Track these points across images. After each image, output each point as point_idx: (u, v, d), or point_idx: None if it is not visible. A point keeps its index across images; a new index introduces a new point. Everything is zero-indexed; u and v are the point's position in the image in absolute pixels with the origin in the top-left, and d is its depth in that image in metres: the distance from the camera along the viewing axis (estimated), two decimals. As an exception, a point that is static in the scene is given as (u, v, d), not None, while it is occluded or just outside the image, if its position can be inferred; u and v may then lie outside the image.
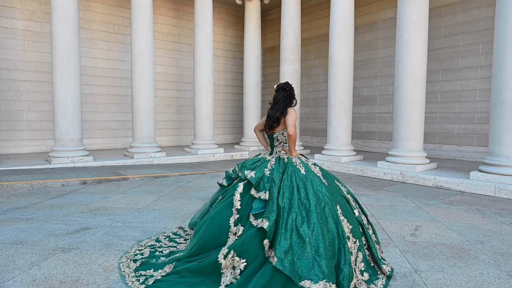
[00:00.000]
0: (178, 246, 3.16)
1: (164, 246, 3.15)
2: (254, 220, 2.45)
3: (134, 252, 3.03)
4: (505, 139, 5.67)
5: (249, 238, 2.38)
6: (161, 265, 2.71)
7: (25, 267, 2.81)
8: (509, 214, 4.54)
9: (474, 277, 2.73)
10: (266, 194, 2.55)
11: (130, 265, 2.77)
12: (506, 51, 5.61)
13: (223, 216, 2.62)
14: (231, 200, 2.67)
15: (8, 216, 4.21)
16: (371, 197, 5.46)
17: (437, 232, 3.79)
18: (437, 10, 9.15)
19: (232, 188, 2.80)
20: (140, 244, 3.23)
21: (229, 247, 2.40)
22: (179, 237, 3.40)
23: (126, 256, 2.95)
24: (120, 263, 2.83)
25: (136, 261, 2.82)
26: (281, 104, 2.85)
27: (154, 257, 2.90)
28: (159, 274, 2.56)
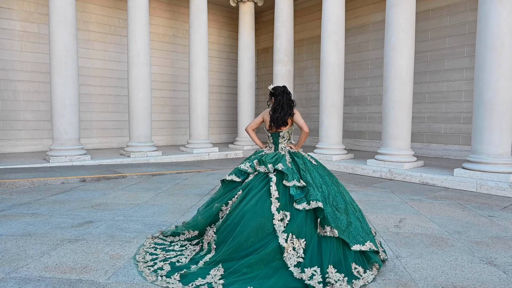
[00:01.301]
0: (184, 251, 3.02)
1: (173, 256, 2.94)
2: (298, 205, 2.77)
3: (154, 269, 2.71)
4: (486, 137, 5.99)
5: (302, 220, 2.72)
6: (204, 270, 2.61)
7: (36, 255, 3.02)
8: (488, 208, 4.84)
9: (449, 262, 3.00)
10: (301, 182, 2.89)
11: (172, 282, 2.51)
12: (486, 55, 5.93)
13: (263, 206, 2.79)
14: (265, 191, 2.89)
15: (13, 211, 4.40)
16: (360, 193, 5.74)
17: (419, 224, 4.07)
18: (425, 13, 9.48)
19: (258, 181, 2.99)
20: (147, 263, 2.85)
21: (286, 231, 2.66)
22: (172, 244, 3.18)
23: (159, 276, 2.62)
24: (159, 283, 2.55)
25: (170, 276, 2.58)
26: (287, 107, 3.23)
27: (182, 267, 2.73)
28: (215, 280, 2.50)
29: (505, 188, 5.58)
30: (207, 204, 3.33)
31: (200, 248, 3.02)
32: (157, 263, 2.79)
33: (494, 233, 3.76)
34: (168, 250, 3.06)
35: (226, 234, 2.81)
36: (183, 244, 3.16)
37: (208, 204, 3.32)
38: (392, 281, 2.63)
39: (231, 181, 3.19)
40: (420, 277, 2.69)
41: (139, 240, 3.42)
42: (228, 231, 2.81)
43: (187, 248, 3.08)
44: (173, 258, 2.89)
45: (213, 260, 2.71)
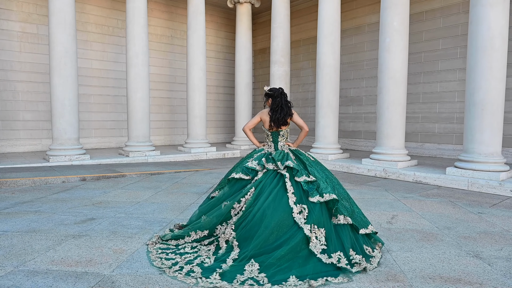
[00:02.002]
0: (199, 252, 3.03)
1: (193, 258, 2.92)
2: (312, 198, 3.02)
3: (186, 272, 2.69)
4: (477, 137, 6.16)
5: (319, 212, 2.96)
6: (238, 267, 2.69)
7: (42, 250, 3.14)
8: (478, 205, 5.00)
9: (437, 255, 3.15)
10: (311, 177, 3.14)
11: (215, 282, 2.54)
12: (478, 56, 6.09)
13: (281, 202, 2.98)
14: (281, 186, 3.08)
15: (17, 209, 4.51)
16: (354, 191, 5.88)
17: (411, 220, 4.22)
18: (419, 15, 9.66)
19: (269, 178, 3.16)
20: (172, 267, 2.78)
21: (308, 223, 2.89)
22: (180, 247, 3.14)
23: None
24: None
25: (209, 276, 2.61)
26: (287, 108, 3.47)
27: (212, 267, 2.77)
28: (255, 274, 2.61)
29: (495, 186, 5.75)
30: (213, 204, 3.32)
31: (216, 247, 3.04)
32: (184, 267, 2.75)
33: (482, 229, 3.92)
34: (182, 254, 3.00)
35: (248, 230, 2.92)
36: (194, 246, 3.12)
37: (213, 204, 3.32)
38: (383, 272, 2.77)
39: (240, 179, 3.27)
40: (409, 269, 2.84)
41: (140, 236, 3.55)
42: (251, 227, 2.92)
43: (200, 249, 3.07)
44: (196, 260, 2.86)
45: (243, 256, 2.78)
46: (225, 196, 3.27)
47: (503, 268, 2.87)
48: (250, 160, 3.38)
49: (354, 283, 2.58)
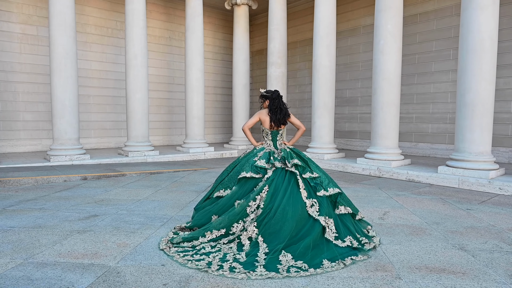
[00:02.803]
0: (223, 250, 3.11)
1: (223, 256, 3.01)
2: (318, 192, 3.37)
3: (229, 269, 2.77)
4: (468, 136, 6.34)
5: (326, 204, 3.33)
6: (273, 259, 2.89)
7: (49, 244, 3.29)
8: (467, 202, 5.19)
9: (425, 248, 3.32)
10: (314, 174, 3.48)
11: (264, 274, 2.69)
12: (468, 58, 6.28)
13: (296, 197, 3.28)
14: (293, 183, 3.36)
15: (21, 207, 4.66)
16: (349, 189, 6.06)
17: (402, 216, 4.40)
18: (413, 18, 9.86)
19: (279, 176, 3.40)
20: (211, 266, 2.82)
21: (321, 214, 3.24)
22: (200, 248, 3.16)
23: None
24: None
25: (254, 269, 2.75)
26: (284, 109, 3.79)
27: (249, 262, 2.90)
28: (293, 263, 2.85)
29: (485, 184, 5.94)
30: (224, 204, 3.41)
31: (238, 244, 3.14)
32: (222, 265, 2.81)
33: (469, 224, 4.10)
34: (207, 253, 3.03)
35: (272, 225, 3.12)
36: (213, 245, 3.16)
37: (224, 203, 3.41)
38: (372, 263, 2.94)
39: (251, 177, 3.43)
40: (397, 260, 3.01)
41: (142, 231, 3.70)
42: (273, 223, 3.13)
43: (221, 248, 3.12)
44: (227, 257, 2.94)
45: (275, 249, 2.98)
46: (237, 195, 3.40)
47: (486, 259, 3.05)
48: (256, 159, 3.55)
49: (345, 273, 2.75)
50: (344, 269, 2.82)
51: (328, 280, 2.63)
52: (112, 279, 2.59)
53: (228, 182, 3.58)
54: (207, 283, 2.55)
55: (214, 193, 3.65)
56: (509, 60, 8.27)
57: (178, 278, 2.63)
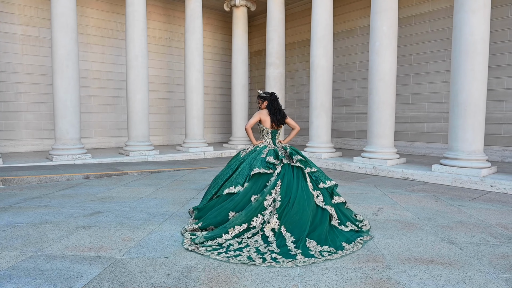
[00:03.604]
0: (252, 244, 3.23)
1: (256, 249, 3.17)
2: (320, 185, 3.77)
3: (273, 259, 2.96)
4: (460, 135, 6.52)
5: (327, 195, 3.74)
6: (303, 247, 3.14)
7: (56, 238, 3.45)
8: (459, 199, 5.36)
9: (415, 241, 3.49)
10: (313, 168, 3.84)
11: (304, 261, 2.92)
12: (461, 60, 6.46)
13: (307, 190, 3.61)
14: (302, 178, 3.69)
15: (27, 204, 4.81)
16: (345, 187, 6.23)
17: (395, 212, 4.56)
18: (408, 19, 10.03)
19: (288, 171, 3.68)
20: (259, 256, 3.01)
21: (326, 204, 3.63)
22: (228, 244, 3.26)
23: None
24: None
25: (295, 258, 2.96)
26: (282, 110, 4.16)
27: (284, 251, 3.13)
28: (320, 247, 3.17)
29: (477, 182, 6.12)
30: (240, 200, 3.53)
31: (262, 236, 3.30)
32: (265, 258, 2.95)
33: (459, 219, 4.27)
34: (240, 249, 3.13)
35: (291, 216, 3.38)
36: (240, 241, 3.26)
37: (240, 199, 3.54)
38: (364, 255, 3.11)
39: (264, 173, 3.65)
40: (388, 253, 3.17)
41: (146, 226, 3.86)
42: (293, 214, 3.39)
43: (247, 242, 3.24)
44: (260, 250, 3.10)
45: (300, 238, 3.25)
46: (252, 190, 3.57)
47: (472, 252, 3.22)
48: (263, 155, 3.82)
49: (339, 264, 2.92)
50: (338, 260, 2.98)
51: (322, 270, 2.79)
52: (118, 270, 2.75)
53: (237, 179, 3.74)
54: (208, 273, 2.71)
55: (223, 190, 3.74)
56: (502, 61, 8.45)
57: (181, 269, 2.78)
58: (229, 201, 3.62)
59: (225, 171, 4.00)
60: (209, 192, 4.03)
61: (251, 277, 2.66)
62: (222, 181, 3.89)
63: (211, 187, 4.07)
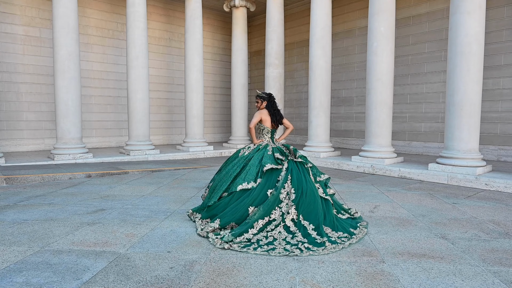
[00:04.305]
0: (278, 236, 3.45)
1: (286, 239, 3.41)
2: (317, 178, 4.06)
3: (304, 248, 3.21)
4: (456, 135, 6.64)
5: (324, 187, 4.06)
6: (323, 233, 3.47)
7: (62, 234, 3.56)
8: (454, 197, 5.48)
9: (409, 237, 3.61)
10: (309, 164, 4.09)
11: (332, 248, 3.24)
12: (456, 60, 6.57)
13: (312, 182, 3.90)
14: (306, 172, 3.95)
15: (31, 202, 4.92)
16: (343, 185, 6.34)
17: (391, 210, 4.68)
18: (406, 20, 10.15)
19: (294, 166, 3.91)
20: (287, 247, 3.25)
21: (327, 195, 3.94)
22: (261, 238, 3.43)
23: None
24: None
25: (324, 245, 3.26)
26: (279, 111, 4.46)
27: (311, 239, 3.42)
28: (336, 233, 3.57)
29: (472, 180, 6.24)
30: (257, 195, 3.69)
31: (284, 227, 3.52)
32: (301, 249, 3.17)
33: (453, 216, 4.38)
34: (269, 243, 3.30)
35: (306, 207, 3.63)
36: (266, 235, 3.43)
37: (257, 194, 3.69)
38: (360, 250, 3.22)
39: (275, 169, 3.88)
40: (383, 247, 3.29)
41: (148, 223, 3.97)
42: (307, 204, 3.65)
43: (273, 235, 3.43)
44: (290, 241, 3.33)
45: (317, 226, 3.52)
46: (267, 185, 3.77)
47: (463, 246, 3.33)
48: (270, 153, 4.04)
49: (335, 257, 3.03)
50: (333, 254, 3.10)
51: (319, 263, 2.91)
52: (123, 264, 2.86)
53: (248, 176, 3.86)
54: (209, 266, 2.82)
55: (235, 187, 3.81)
56: (498, 61, 8.57)
57: (183, 263, 2.90)
58: (246, 197, 3.73)
59: (230, 170, 4.04)
60: (216, 190, 3.99)
61: (250, 270, 2.78)
62: (230, 179, 3.93)
63: (217, 186, 4.03)
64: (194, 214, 4.12)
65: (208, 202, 3.99)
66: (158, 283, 2.53)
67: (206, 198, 4.13)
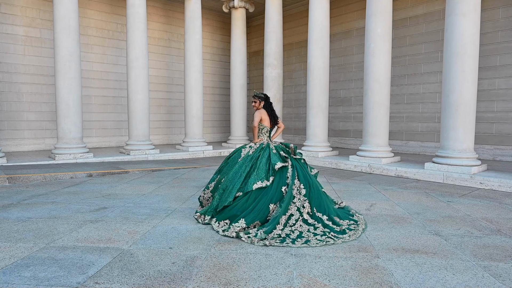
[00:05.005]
0: (305, 228, 3.71)
1: (318, 230, 3.71)
2: (311, 172, 4.32)
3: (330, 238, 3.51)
4: (452, 135, 6.75)
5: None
6: (338, 223, 3.87)
7: (66, 232, 3.65)
8: (449, 195, 5.59)
9: (404, 233, 3.71)
10: (302, 160, 4.37)
11: (351, 235, 3.62)
12: (452, 61, 6.69)
13: (312, 176, 4.22)
14: (306, 167, 4.28)
15: (34, 201, 5.01)
16: (340, 184, 6.45)
17: (387, 208, 4.79)
18: (403, 21, 10.27)
19: (296, 162, 4.19)
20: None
21: (322, 188, 4.28)
22: (292, 231, 3.62)
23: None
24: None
25: (344, 233, 3.65)
26: (275, 111, 4.68)
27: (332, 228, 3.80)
28: (347, 222, 3.95)
29: (467, 179, 6.35)
30: (274, 192, 3.88)
31: (303, 220, 3.76)
32: (331, 237, 3.51)
33: (447, 214, 4.49)
34: (299, 236, 3.52)
35: (315, 199, 3.95)
36: (292, 230, 3.61)
37: (274, 191, 3.89)
38: (355, 246, 3.33)
39: (285, 166, 4.09)
40: (378, 243, 3.40)
41: (150, 221, 4.07)
42: (315, 197, 3.97)
43: (298, 229, 3.61)
44: (315, 231, 3.63)
45: (328, 215, 3.90)
46: (280, 182, 3.97)
47: (456, 243, 3.44)
48: (275, 151, 4.24)
49: (331, 253, 3.14)
50: (330, 250, 3.21)
51: (316, 259, 3.01)
52: (127, 259, 2.96)
53: (260, 174, 3.99)
54: (210, 261, 2.93)
55: (250, 186, 3.89)
56: (494, 62, 8.69)
57: (184, 258, 3.00)
58: (263, 195, 3.89)
59: (239, 169, 4.08)
60: (228, 190, 3.97)
61: (249, 265, 2.88)
62: (241, 178, 3.99)
63: (228, 187, 4.02)
64: (203, 216, 4.04)
65: (220, 203, 3.95)
66: (161, 277, 2.64)
67: (214, 199, 4.05)
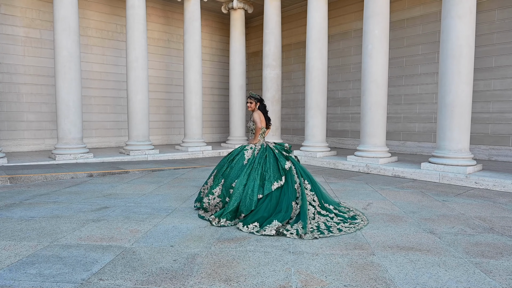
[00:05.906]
0: (317, 219, 4.07)
1: (332, 221, 4.08)
2: None
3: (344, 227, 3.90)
4: (448, 135, 6.85)
5: None
6: (345, 215, 4.26)
7: (69, 230, 3.73)
8: (444, 195, 5.69)
9: (399, 232, 3.81)
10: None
11: (353, 226, 3.97)
12: (448, 63, 6.79)
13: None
14: (299, 163, 4.55)
15: (36, 200, 5.08)
16: (338, 184, 6.54)
17: (383, 207, 4.88)
18: (400, 23, 10.37)
19: (293, 160, 4.46)
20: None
21: None
22: (311, 227, 3.83)
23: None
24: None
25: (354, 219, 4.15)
26: (267, 112, 4.83)
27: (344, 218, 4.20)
28: (350, 212, 4.43)
29: (462, 179, 6.45)
30: (293, 190, 4.14)
31: (318, 212, 4.13)
32: (350, 227, 3.93)
33: (442, 213, 4.59)
34: (327, 229, 3.81)
35: (319, 191, 4.34)
36: (318, 223, 3.94)
37: (292, 190, 4.15)
38: (352, 244, 3.42)
39: (290, 165, 4.34)
40: (374, 241, 3.49)
41: (151, 220, 4.15)
42: (318, 190, 4.36)
43: (320, 221, 3.97)
44: (328, 223, 3.95)
45: (333, 206, 4.35)
46: (292, 181, 4.22)
47: (450, 240, 3.54)
48: (277, 151, 4.42)
49: (328, 250, 3.23)
50: (327, 248, 3.29)
51: (313, 256, 3.10)
52: (129, 257, 3.05)
53: (273, 175, 4.17)
54: (210, 259, 3.01)
55: (270, 187, 4.06)
56: (489, 63, 8.80)
57: (185, 256, 3.08)
58: (282, 195, 4.14)
59: (252, 173, 4.17)
60: (249, 195, 4.03)
61: (249, 262, 2.96)
62: (258, 181, 4.10)
63: (247, 192, 4.06)
64: (217, 219, 4.02)
65: (241, 207, 4.00)
66: (163, 274, 2.72)
67: (230, 203, 4.06)
